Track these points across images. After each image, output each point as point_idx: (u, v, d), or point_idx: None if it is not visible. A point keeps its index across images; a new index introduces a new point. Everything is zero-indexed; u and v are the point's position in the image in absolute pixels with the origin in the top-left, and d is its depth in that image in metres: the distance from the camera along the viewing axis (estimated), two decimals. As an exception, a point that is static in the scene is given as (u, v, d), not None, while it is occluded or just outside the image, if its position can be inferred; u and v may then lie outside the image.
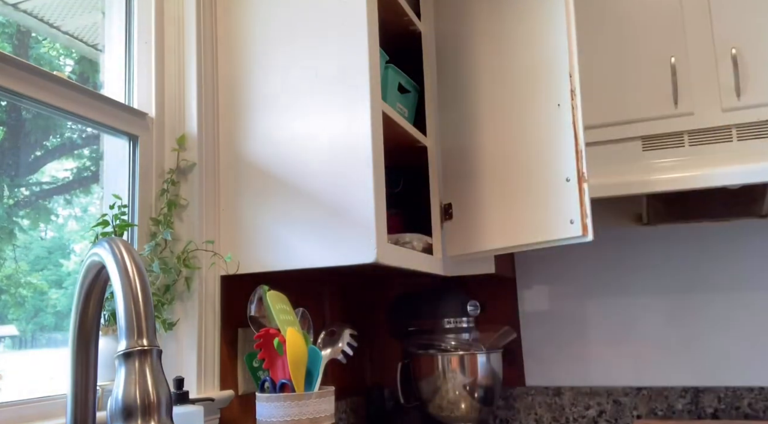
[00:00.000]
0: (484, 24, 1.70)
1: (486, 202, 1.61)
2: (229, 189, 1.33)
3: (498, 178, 1.61)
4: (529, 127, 1.56)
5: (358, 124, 1.23)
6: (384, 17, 1.34)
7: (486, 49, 1.68)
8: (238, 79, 1.35)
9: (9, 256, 1.16)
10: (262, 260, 1.27)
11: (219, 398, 1.22)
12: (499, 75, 1.64)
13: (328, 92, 1.26)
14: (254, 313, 1.24)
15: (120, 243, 0.65)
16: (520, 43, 1.56)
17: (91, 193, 1.39)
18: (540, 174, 1.49)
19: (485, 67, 1.68)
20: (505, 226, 1.58)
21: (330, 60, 1.27)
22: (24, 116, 1.22)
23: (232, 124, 1.35)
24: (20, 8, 1.22)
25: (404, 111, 1.56)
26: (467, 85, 1.70)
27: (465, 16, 1.74)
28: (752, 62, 1.54)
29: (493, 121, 1.65)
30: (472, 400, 1.66)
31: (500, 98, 1.64)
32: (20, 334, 1.18)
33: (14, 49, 1.26)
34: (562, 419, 1.81)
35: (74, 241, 1.34)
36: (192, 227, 1.27)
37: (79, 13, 1.34)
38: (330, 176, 1.24)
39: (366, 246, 1.19)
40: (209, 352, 1.25)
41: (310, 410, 1.11)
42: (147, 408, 0.57)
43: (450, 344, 1.68)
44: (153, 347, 0.60)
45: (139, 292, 0.62)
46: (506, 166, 1.61)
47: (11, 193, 1.19)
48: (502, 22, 1.66)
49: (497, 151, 1.63)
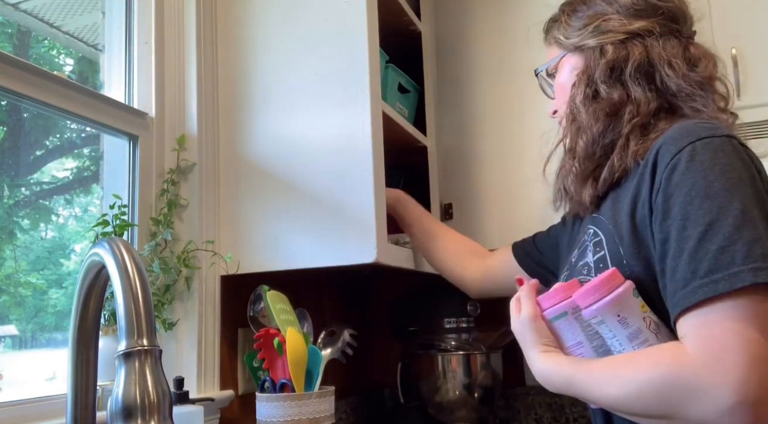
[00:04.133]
0: (484, 24, 1.70)
1: (486, 202, 1.61)
2: (229, 189, 1.33)
3: (498, 178, 1.61)
4: (528, 127, 1.57)
5: (358, 124, 1.22)
6: (384, 17, 1.34)
7: (486, 49, 1.68)
8: (238, 79, 1.35)
9: (9, 256, 1.16)
10: (262, 260, 1.27)
11: (219, 398, 1.22)
12: (499, 75, 1.65)
13: (328, 92, 1.26)
14: (254, 313, 1.24)
15: (120, 243, 0.65)
16: (520, 43, 1.56)
17: (91, 193, 1.39)
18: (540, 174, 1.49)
19: (485, 67, 1.68)
20: (505, 226, 1.58)
21: (330, 60, 1.27)
22: (24, 116, 1.22)
23: (232, 124, 1.35)
24: (20, 8, 1.22)
25: (404, 111, 1.56)
26: (467, 85, 1.70)
27: (465, 16, 1.74)
28: (752, 62, 1.54)
29: (493, 120, 1.65)
30: (472, 400, 1.66)
31: (500, 98, 1.64)
32: (20, 334, 1.18)
33: (14, 49, 1.26)
34: (562, 419, 1.81)
35: (74, 241, 1.34)
36: (192, 227, 1.27)
37: (79, 13, 1.34)
38: (330, 176, 1.24)
39: (366, 246, 1.19)
40: (209, 352, 1.25)
41: (310, 410, 1.11)
42: (147, 408, 0.57)
43: (450, 344, 1.68)
44: (153, 347, 0.60)
45: (139, 292, 0.62)
46: (506, 166, 1.61)
47: (11, 193, 1.19)
48: (502, 22, 1.66)
49: (497, 151, 1.63)
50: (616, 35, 0.95)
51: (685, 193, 0.76)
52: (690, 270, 0.72)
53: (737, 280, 0.69)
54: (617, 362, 0.80)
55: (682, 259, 0.74)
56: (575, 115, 0.97)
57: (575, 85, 0.98)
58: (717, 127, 0.81)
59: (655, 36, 0.93)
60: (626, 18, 0.95)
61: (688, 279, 0.72)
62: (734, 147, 0.79)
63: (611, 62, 0.94)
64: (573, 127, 0.97)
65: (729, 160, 0.77)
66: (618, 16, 0.96)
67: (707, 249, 0.72)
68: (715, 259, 0.71)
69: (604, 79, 0.94)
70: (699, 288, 0.71)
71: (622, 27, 0.95)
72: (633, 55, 0.92)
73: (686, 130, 0.82)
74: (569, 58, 1.02)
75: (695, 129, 0.81)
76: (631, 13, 0.96)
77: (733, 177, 0.75)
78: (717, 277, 0.70)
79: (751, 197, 0.74)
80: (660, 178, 0.80)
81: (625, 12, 0.96)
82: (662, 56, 0.92)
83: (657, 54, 0.92)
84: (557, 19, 1.05)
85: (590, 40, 0.97)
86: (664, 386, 0.71)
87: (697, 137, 0.79)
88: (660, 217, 0.78)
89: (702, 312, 0.71)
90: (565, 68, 1.03)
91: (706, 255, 0.72)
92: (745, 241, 0.71)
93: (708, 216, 0.73)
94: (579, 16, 1.01)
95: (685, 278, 0.73)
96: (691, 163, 0.77)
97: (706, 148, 0.78)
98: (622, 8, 0.96)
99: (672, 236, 0.76)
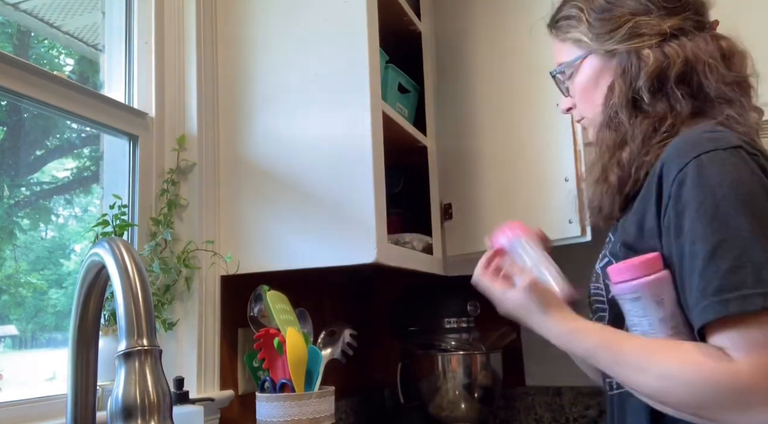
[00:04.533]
0: (484, 24, 1.70)
1: (486, 202, 1.61)
2: (229, 189, 1.33)
3: (498, 178, 1.61)
4: (528, 127, 1.56)
5: (358, 124, 1.22)
6: (384, 17, 1.34)
7: (486, 49, 1.68)
8: (238, 79, 1.35)
9: (9, 256, 1.16)
10: (262, 260, 1.27)
11: (219, 398, 1.22)
12: (499, 75, 1.64)
13: (328, 92, 1.26)
14: (254, 313, 1.24)
15: (120, 243, 0.65)
16: (520, 43, 1.56)
17: (91, 193, 1.39)
18: (539, 174, 1.50)
19: (485, 67, 1.68)
20: (505, 226, 1.58)
21: (330, 60, 1.27)
22: (24, 116, 1.22)
23: (232, 124, 1.35)
24: (20, 8, 1.22)
25: (404, 111, 1.56)
26: (467, 85, 1.70)
27: (465, 16, 1.74)
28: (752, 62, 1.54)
29: (493, 121, 1.65)
30: (472, 400, 1.66)
31: (500, 98, 1.64)
32: (20, 334, 1.18)
33: (14, 49, 1.26)
34: (562, 419, 1.81)
35: (74, 241, 1.34)
36: (192, 227, 1.27)
37: (79, 13, 1.34)
38: (330, 176, 1.24)
39: (366, 246, 1.19)
40: (209, 352, 1.25)
41: (310, 410, 1.11)
42: (147, 408, 0.57)
43: (450, 344, 1.68)
44: (153, 347, 0.60)
45: (139, 292, 0.62)
46: (506, 166, 1.61)
47: (11, 193, 1.19)
48: (502, 22, 1.66)
49: (497, 151, 1.63)
50: (651, 38, 0.90)
51: (695, 209, 0.75)
52: (700, 289, 0.73)
53: (748, 303, 0.70)
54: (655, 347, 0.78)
55: (694, 277, 0.74)
56: (616, 125, 0.92)
57: (612, 91, 0.93)
58: (723, 138, 0.80)
59: (688, 34, 0.90)
60: (658, 17, 0.91)
61: (699, 298, 0.73)
62: (742, 159, 0.77)
63: (655, 71, 0.89)
64: (613, 137, 0.93)
65: (737, 175, 0.76)
66: (649, 17, 0.91)
67: (718, 268, 0.72)
68: (726, 279, 0.71)
69: (649, 88, 0.89)
70: (710, 306, 0.72)
71: (656, 27, 0.90)
72: (674, 62, 0.88)
73: (691, 142, 0.80)
74: (592, 59, 0.97)
75: (700, 141, 0.80)
76: (662, 12, 0.91)
77: (742, 193, 0.74)
78: (728, 297, 0.71)
79: (760, 213, 0.74)
80: (668, 193, 0.79)
81: (657, 10, 0.91)
82: (699, 58, 0.88)
83: (694, 56, 0.88)
84: (574, 17, 0.99)
85: (623, 44, 0.92)
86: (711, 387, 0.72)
87: (703, 150, 0.78)
88: (673, 234, 0.78)
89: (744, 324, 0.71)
90: (586, 70, 0.98)
91: (716, 274, 0.72)
92: (755, 263, 0.71)
93: (717, 235, 0.73)
94: (606, 17, 0.94)
95: (696, 297, 0.74)
96: (699, 179, 0.76)
97: (713, 162, 0.77)
98: (653, 5, 0.91)
99: (686, 253, 0.76)
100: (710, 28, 0.94)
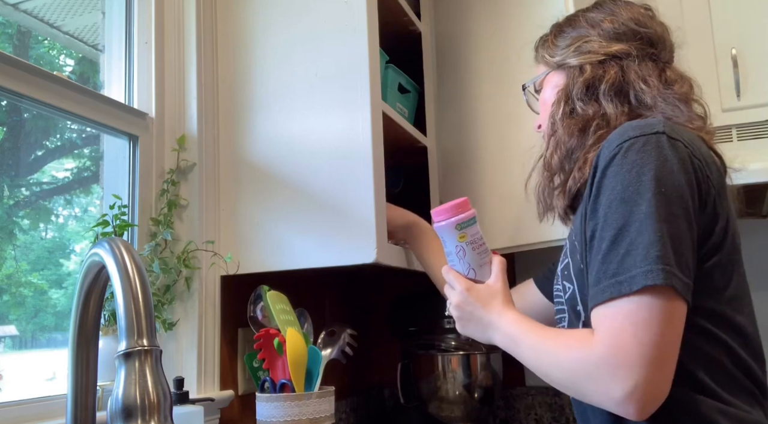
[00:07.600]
0: (484, 24, 1.70)
1: (486, 202, 1.60)
2: (229, 189, 1.33)
3: (498, 178, 1.61)
4: (528, 127, 1.56)
5: (358, 124, 1.23)
6: (384, 17, 1.34)
7: (486, 49, 1.68)
8: (238, 79, 1.35)
9: (9, 256, 1.16)
10: (262, 260, 1.27)
11: (219, 398, 1.23)
12: (499, 75, 1.64)
13: (328, 92, 1.26)
14: (254, 313, 1.24)
15: (120, 243, 0.65)
16: (520, 43, 1.56)
17: (91, 193, 1.39)
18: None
19: (485, 66, 1.68)
20: (505, 226, 1.58)
21: (330, 60, 1.27)
22: (24, 116, 1.22)
23: (232, 124, 1.35)
24: (20, 8, 1.22)
25: (404, 111, 1.56)
26: (467, 85, 1.70)
27: (465, 17, 1.74)
28: (752, 62, 1.54)
29: (493, 121, 1.65)
30: (472, 400, 1.66)
31: (500, 98, 1.64)
32: (20, 334, 1.18)
33: (14, 49, 1.26)
34: (562, 419, 1.81)
35: (74, 241, 1.34)
36: (192, 227, 1.27)
37: (79, 13, 1.34)
38: (330, 176, 1.24)
39: (366, 246, 1.19)
40: (209, 352, 1.25)
41: (310, 410, 1.11)
42: (147, 408, 0.57)
43: (450, 344, 1.68)
44: (153, 347, 0.60)
45: (139, 292, 0.62)
46: (506, 166, 1.61)
47: (11, 193, 1.19)
48: (502, 22, 1.66)
49: (497, 152, 1.63)
50: (596, 56, 1.00)
51: (607, 195, 0.81)
52: (602, 270, 0.78)
53: (633, 283, 0.75)
54: (547, 335, 0.87)
55: (598, 259, 0.80)
56: (554, 130, 1.01)
57: (555, 102, 1.03)
58: (649, 125, 0.83)
59: (632, 58, 0.98)
60: (606, 41, 1.00)
61: (600, 278, 0.79)
62: (659, 144, 0.81)
63: (588, 80, 0.98)
64: (552, 142, 1.02)
65: (648, 160, 0.79)
66: (599, 39, 1.01)
67: (617, 252, 0.77)
68: (621, 261, 0.76)
69: (581, 97, 0.98)
70: (606, 288, 0.77)
71: (601, 49, 1.00)
72: (608, 74, 0.97)
73: (620, 131, 0.85)
74: (553, 75, 1.07)
75: (626, 129, 0.84)
76: (611, 37, 1.00)
77: (648, 178, 0.78)
78: (621, 279, 0.76)
79: (660, 197, 0.77)
80: (594, 181, 0.84)
81: (606, 35, 1.01)
82: (638, 74, 0.96)
83: (632, 73, 0.97)
84: (547, 41, 1.10)
85: (572, 59, 1.02)
86: (570, 369, 0.80)
87: (626, 138, 0.82)
88: (588, 216, 0.84)
89: (608, 307, 0.77)
90: (549, 85, 1.07)
91: (615, 258, 0.77)
92: (645, 244, 0.75)
93: (621, 220, 0.78)
94: (564, 37, 1.06)
95: (598, 277, 0.79)
96: (614, 167, 0.81)
97: (631, 149, 0.81)
98: (604, 32, 1.01)
99: (595, 236, 0.81)
100: (663, 61, 1.01)
